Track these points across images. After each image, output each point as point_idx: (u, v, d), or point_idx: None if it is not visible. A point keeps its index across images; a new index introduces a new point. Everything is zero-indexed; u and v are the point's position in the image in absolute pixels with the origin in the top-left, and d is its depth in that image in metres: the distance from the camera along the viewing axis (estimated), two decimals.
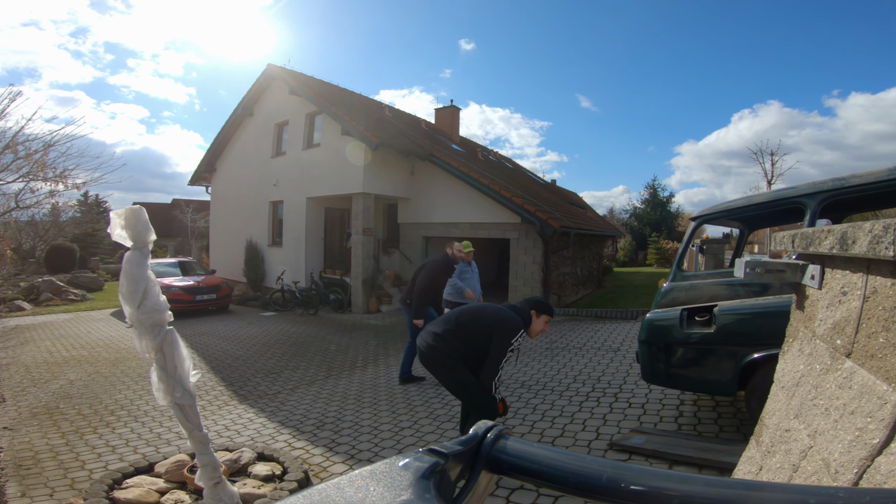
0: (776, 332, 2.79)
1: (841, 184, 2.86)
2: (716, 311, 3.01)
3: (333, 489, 0.35)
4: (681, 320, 3.15)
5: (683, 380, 3.23)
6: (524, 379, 5.03)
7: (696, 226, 3.67)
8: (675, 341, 3.16)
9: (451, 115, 17.01)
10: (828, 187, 2.90)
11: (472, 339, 2.88)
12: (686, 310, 3.18)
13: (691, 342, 3.09)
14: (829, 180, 2.98)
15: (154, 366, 2.20)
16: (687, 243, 3.64)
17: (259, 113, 13.48)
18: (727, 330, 2.94)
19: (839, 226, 0.88)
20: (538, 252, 9.58)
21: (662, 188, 31.75)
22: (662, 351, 3.24)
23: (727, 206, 3.48)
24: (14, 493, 2.88)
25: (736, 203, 3.48)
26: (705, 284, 3.29)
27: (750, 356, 2.86)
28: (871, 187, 2.73)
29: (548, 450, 0.43)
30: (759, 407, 2.97)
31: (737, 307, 2.99)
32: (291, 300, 11.09)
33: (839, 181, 2.91)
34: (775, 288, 2.92)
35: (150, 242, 2.18)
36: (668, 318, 3.21)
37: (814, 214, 2.86)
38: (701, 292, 3.25)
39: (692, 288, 3.32)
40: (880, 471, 0.65)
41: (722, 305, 3.02)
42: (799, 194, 2.98)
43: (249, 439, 3.77)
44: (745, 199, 3.52)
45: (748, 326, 2.90)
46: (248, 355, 6.69)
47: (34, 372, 5.79)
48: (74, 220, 20.90)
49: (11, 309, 10.79)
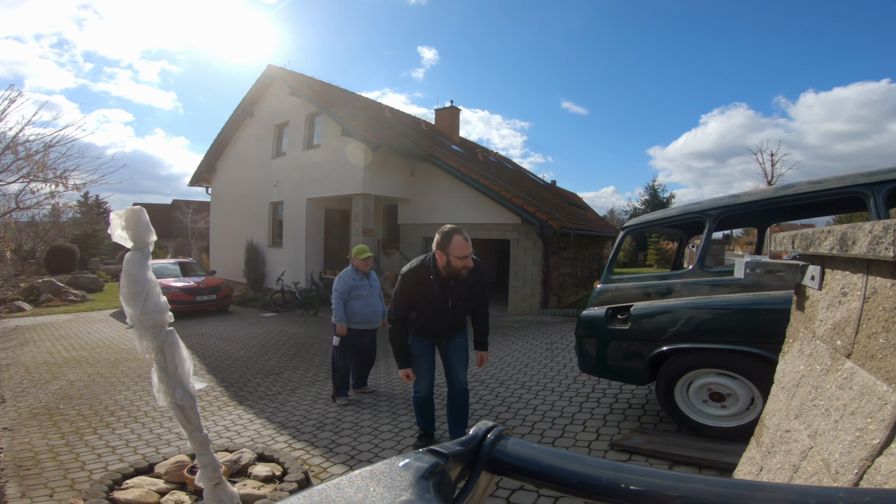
0: (677, 329, 3.12)
1: (734, 200, 3.24)
2: (631, 310, 3.35)
3: (333, 489, 0.35)
4: (606, 318, 3.48)
5: (608, 370, 3.56)
6: (524, 380, 5.03)
7: (623, 235, 4.04)
8: (601, 336, 3.50)
9: (451, 115, 17.01)
10: (724, 203, 3.28)
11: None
12: (610, 308, 3.51)
13: (613, 337, 3.44)
14: (726, 197, 3.36)
15: (154, 367, 2.20)
16: (617, 249, 4.01)
17: (259, 114, 13.49)
18: (639, 327, 3.28)
19: (839, 226, 0.88)
20: (538, 253, 9.58)
21: (662, 189, 31.79)
22: (592, 345, 3.58)
23: (648, 219, 3.92)
24: (14, 493, 2.88)
25: (655, 216, 3.93)
26: (626, 287, 3.67)
27: (658, 349, 3.17)
28: (760, 204, 3.13)
29: (548, 450, 0.43)
30: (666, 396, 3.25)
31: (646, 307, 3.33)
32: (291, 301, 11.09)
33: (734, 198, 3.28)
34: (677, 291, 3.34)
35: (151, 243, 2.18)
36: (596, 315, 3.55)
37: (710, 228, 3.28)
38: (623, 294, 3.63)
39: (617, 290, 3.70)
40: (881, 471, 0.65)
41: (636, 306, 3.36)
42: (701, 209, 3.40)
43: (249, 440, 3.76)
44: (662, 212, 3.93)
45: (655, 324, 3.24)
46: (249, 356, 6.69)
47: (34, 372, 5.79)
48: (74, 221, 20.93)
49: (11, 310, 10.79)
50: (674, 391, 3.19)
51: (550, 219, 9.36)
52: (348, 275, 4.54)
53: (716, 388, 3.06)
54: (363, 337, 4.62)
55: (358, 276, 4.56)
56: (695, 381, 3.13)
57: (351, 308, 4.49)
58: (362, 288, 4.53)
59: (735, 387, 2.98)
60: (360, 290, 4.52)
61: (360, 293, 4.51)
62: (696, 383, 3.13)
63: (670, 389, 3.19)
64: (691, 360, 3.10)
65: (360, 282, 4.54)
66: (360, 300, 4.51)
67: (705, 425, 3.11)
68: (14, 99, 5.99)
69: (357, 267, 4.58)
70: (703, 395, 3.12)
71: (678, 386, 3.18)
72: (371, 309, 4.58)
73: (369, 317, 4.57)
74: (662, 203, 30.94)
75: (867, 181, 2.64)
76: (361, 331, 4.58)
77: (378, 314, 4.66)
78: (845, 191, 2.74)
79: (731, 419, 3.04)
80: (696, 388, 3.13)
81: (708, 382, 3.08)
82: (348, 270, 4.59)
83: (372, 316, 4.59)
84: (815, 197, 2.88)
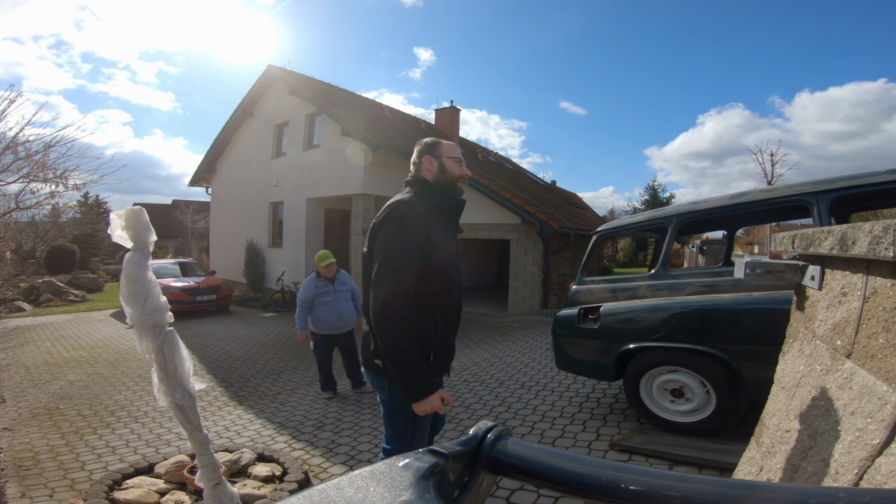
0: (640, 328, 3.27)
1: (694, 208, 3.43)
2: (601, 310, 3.53)
3: (334, 489, 0.35)
4: (578, 317, 3.66)
5: (580, 366, 3.74)
6: (524, 380, 5.03)
7: (596, 239, 4.14)
8: (574, 335, 3.69)
9: (451, 115, 17.00)
10: (684, 210, 3.45)
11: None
12: (582, 308, 3.69)
13: (584, 336, 3.62)
14: (686, 204, 3.54)
15: (154, 367, 2.20)
16: (590, 253, 4.11)
17: (259, 114, 13.49)
18: (607, 326, 3.46)
19: (839, 226, 0.88)
20: (538, 253, 9.57)
21: (662, 189, 31.79)
22: (566, 343, 3.77)
23: (617, 224, 4.10)
24: (14, 493, 2.88)
25: (623, 221, 4.14)
26: (596, 289, 3.80)
27: (624, 347, 3.34)
28: (717, 211, 3.29)
29: (548, 450, 0.43)
30: (632, 392, 3.39)
31: (613, 308, 3.48)
32: (291, 301, 11.09)
33: (694, 205, 3.47)
34: (642, 291, 3.47)
35: (151, 243, 2.18)
36: (570, 315, 3.73)
37: (672, 233, 3.44)
38: (594, 295, 3.77)
39: (589, 291, 3.83)
40: (881, 471, 0.65)
41: (605, 306, 3.53)
42: (664, 215, 3.57)
43: (249, 440, 3.76)
44: (630, 218, 4.08)
45: (621, 323, 3.41)
46: (249, 356, 6.68)
47: (34, 373, 5.78)
48: (74, 221, 20.92)
49: (11, 310, 10.79)
50: (639, 387, 3.37)
51: (550, 219, 9.36)
52: (311, 283, 4.56)
53: (676, 385, 3.25)
54: (334, 341, 4.71)
55: (321, 283, 4.56)
56: (657, 377, 3.32)
57: (315, 315, 4.55)
58: (325, 294, 4.53)
59: (692, 384, 3.16)
60: (324, 296, 4.53)
61: (324, 300, 4.52)
62: (658, 380, 3.31)
63: (636, 386, 3.38)
64: (653, 358, 3.28)
65: (322, 288, 4.54)
66: (324, 307, 4.53)
67: (667, 420, 3.29)
68: (14, 99, 5.99)
69: (321, 273, 4.59)
70: (666, 391, 3.30)
71: (642, 382, 3.36)
72: (335, 314, 4.57)
73: (333, 322, 4.58)
74: (662, 203, 30.93)
75: (812, 190, 2.79)
76: (331, 336, 4.65)
77: (346, 317, 4.64)
78: (793, 199, 2.88)
79: (689, 415, 3.22)
80: (658, 384, 3.32)
81: (668, 379, 3.26)
82: (311, 278, 4.61)
83: (338, 321, 4.59)
84: (766, 205, 3.04)
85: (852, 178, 2.70)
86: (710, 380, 3.04)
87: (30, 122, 6.65)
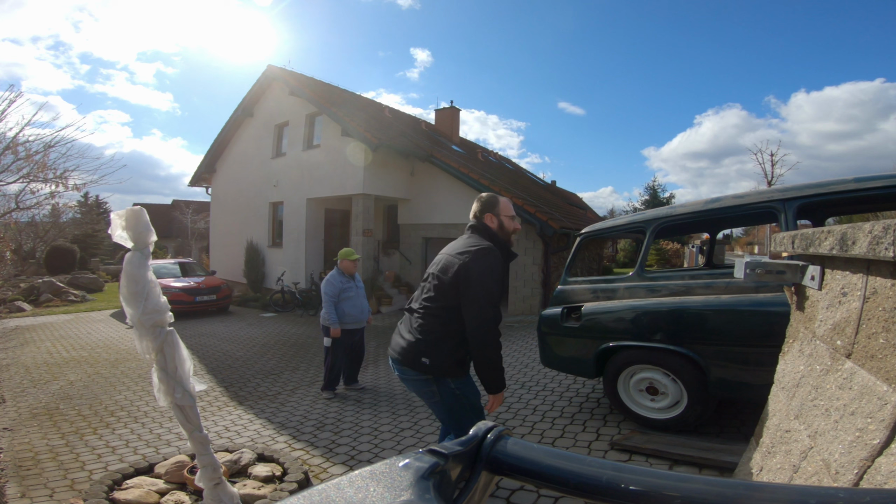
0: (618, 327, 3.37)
1: (671, 212, 3.53)
2: (582, 309, 3.64)
3: (334, 489, 0.35)
4: (562, 316, 3.76)
5: (563, 363, 3.85)
6: (524, 380, 5.03)
7: (579, 241, 4.22)
8: (557, 333, 3.80)
9: (451, 115, 17.00)
10: (662, 215, 3.56)
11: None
12: (565, 307, 3.78)
13: (566, 334, 3.74)
14: (664, 209, 3.66)
15: (154, 367, 2.20)
16: (574, 254, 4.20)
17: (259, 114, 13.49)
18: (587, 325, 3.58)
19: (839, 226, 0.88)
20: (538, 253, 9.58)
21: (662, 189, 31.80)
22: (550, 341, 3.88)
23: (600, 227, 4.19)
24: (14, 493, 2.88)
25: (606, 224, 4.22)
26: (579, 289, 3.88)
27: (603, 345, 3.47)
28: (693, 216, 3.38)
29: (548, 450, 0.43)
30: (611, 388, 3.50)
31: (594, 307, 3.59)
32: (291, 301, 11.09)
33: (671, 210, 3.57)
34: (621, 292, 3.55)
35: (151, 243, 2.18)
36: (553, 314, 3.84)
37: (650, 237, 3.53)
38: (577, 295, 3.85)
39: (572, 291, 3.91)
40: (881, 471, 0.65)
41: (586, 306, 3.65)
42: (643, 219, 3.66)
43: (249, 440, 3.76)
44: (612, 221, 4.22)
45: (600, 322, 3.52)
46: (248, 356, 6.68)
47: (34, 373, 5.78)
48: (74, 222, 20.92)
49: (11, 310, 10.78)
50: (617, 384, 3.49)
51: (550, 219, 9.36)
52: (336, 278, 4.70)
53: (650, 383, 3.36)
54: (353, 336, 4.86)
55: (344, 279, 4.72)
56: (634, 375, 3.44)
57: (341, 310, 4.67)
58: (350, 290, 4.70)
59: (666, 382, 3.27)
60: (348, 291, 4.69)
61: (349, 294, 4.69)
62: (634, 377, 3.44)
63: (614, 383, 3.50)
64: (629, 357, 3.39)
65: (347, 283, 4.71)
66: (349, 301, 4.69)
67: (643, 416, 3.41)
68: (13, 100, 5.99)
69: (345, 269, 4.73)
70: (642, 389, 3.42)
71: (620, 379, 3.49)
72: (359, 309, 4.77)
73: (358, 316, 4.77)
74: (662, 203, 30.94)
75: (780, 197, 2.90)
76: (351, 330, 4.81)
77: (365, 313, 4.86)
78: (763, 205, 2.99)
79: (663, 412, 3.34)
80: (634, 382, 3.45)
81: (644, 377, 3.38)
82: (335, 274, 4.75)
83: (360, 315, 4.79)
84: (739, 210, 3.13)
85: (819, 185, 2.80)
86: (681, 378, 3.16)
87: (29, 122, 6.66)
